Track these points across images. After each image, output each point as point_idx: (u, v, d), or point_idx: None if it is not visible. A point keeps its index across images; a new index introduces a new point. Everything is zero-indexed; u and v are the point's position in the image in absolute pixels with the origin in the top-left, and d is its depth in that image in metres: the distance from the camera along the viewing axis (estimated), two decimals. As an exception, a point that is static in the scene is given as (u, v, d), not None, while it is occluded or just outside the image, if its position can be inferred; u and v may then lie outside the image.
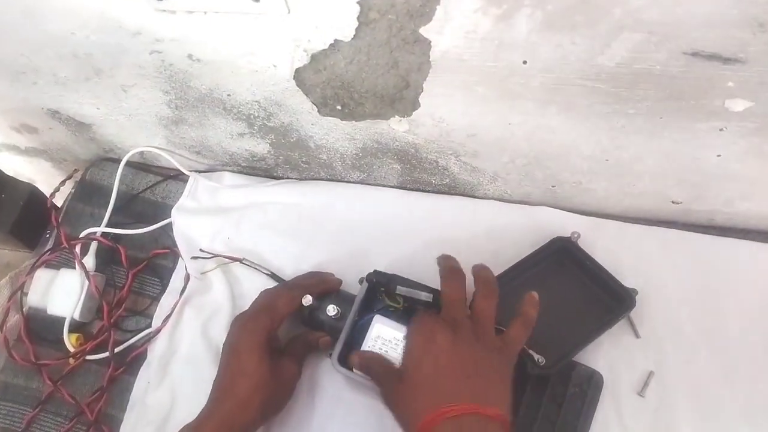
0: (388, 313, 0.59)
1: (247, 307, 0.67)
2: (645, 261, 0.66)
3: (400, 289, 0.58)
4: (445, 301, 0.55)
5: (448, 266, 0.57)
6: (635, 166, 0.62)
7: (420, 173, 0.71)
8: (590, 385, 0.59)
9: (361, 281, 0.61)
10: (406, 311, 0.59)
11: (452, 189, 0.73)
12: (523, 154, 0.63)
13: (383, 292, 0.60)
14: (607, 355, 0.62)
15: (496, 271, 0.64)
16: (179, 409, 0.64)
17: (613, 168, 0.63)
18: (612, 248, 0.67)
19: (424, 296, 0.57)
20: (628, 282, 0.65)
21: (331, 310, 0.60)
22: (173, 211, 0.73)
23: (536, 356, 0.57)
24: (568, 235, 0.65)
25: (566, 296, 0.64)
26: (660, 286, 0.65)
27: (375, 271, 0.60)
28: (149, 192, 0.77)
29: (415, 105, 0.59)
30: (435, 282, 0.66)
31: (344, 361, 0.58)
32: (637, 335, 0.63)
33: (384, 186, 0.74)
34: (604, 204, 0.69)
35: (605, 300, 0.63)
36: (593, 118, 0.56)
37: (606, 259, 0.66)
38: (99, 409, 0.65)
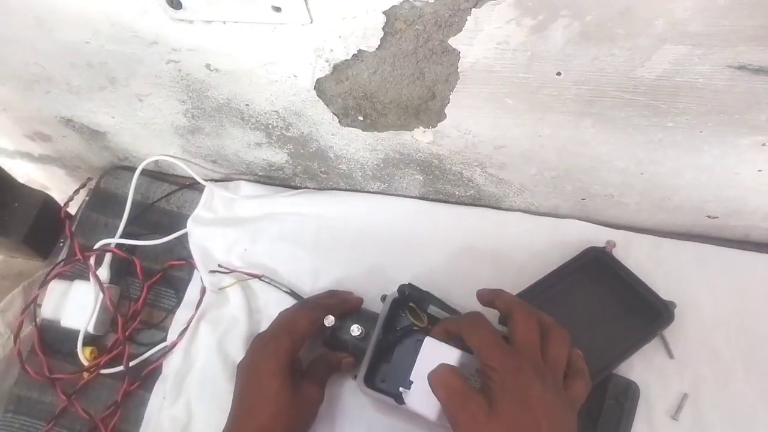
0: (414, 331, 0.57)
1: (264, 323, 0.66)
2: (679, 277, 0.64)
3: (432, 309, 0.55)
4: (523, 342, 0.47)
5: (514, 300, 0.51)
6: (671, 180, 0.59)
7: (443, 184, 0.68)
8: (627, 396, 0.57)
9: (383, 298, 0.59)
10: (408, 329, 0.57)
11: (476, 200, 0.70)
12: (552, 167, 0.61)
13: (407, 309, 0.58)
14: (640, 375, 0.60)
15: (522, 285, 0.62)
16: (195, 427, 0.63)
17: (648, 182, 0.60)
18: (644, 263, 0.64)
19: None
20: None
21: (355, 330, 0.58)
22: (189, 222, 0.71)
23: None
24: (602, 245, 0.63)
25: (600, 309, 0.61)
26: (695, 304, 0.62)
27: (409, 284, 0.58)
28: (164, 201, 0.76)
29: (440, 116, 0.56)
30: (459, 298, 0.65)
31: (371, 382, 0.56)
32: (671, 355, 0.61)
33: (405, 196, 0.72)
34: (636, 218, 0.66)
35: (641, 313, 0.60)
36: (629, 130, 0.53)
37: (639, 275, 0.64)
38: (113, 425, 0.64)
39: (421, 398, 0.50)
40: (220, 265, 0.68)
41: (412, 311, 0.57)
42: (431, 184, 0.69)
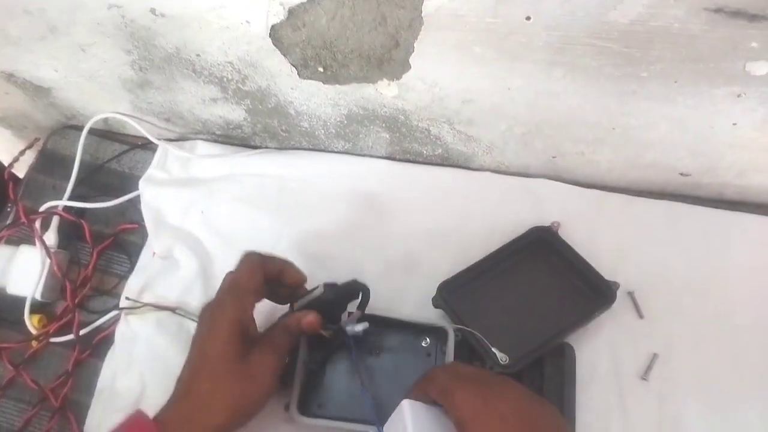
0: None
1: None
2: (651, 236, 0.62)
3: (301, 302, 0.52)
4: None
5: (442, 383, 0.47)
6: (644, 135, 0.57)
7: (410, 143, 0.65)
8: (564, 358, 0.56)
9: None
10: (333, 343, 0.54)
11: (445, 160, 0.67)
12: (522, 122, 0.58)
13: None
14: (609, 336, 0.58)
15: (492, 247, 0.60)
16: (150, 396, 0.60)
17: (621, 137, 0.58)
18: (616, 223, 0.63)
19: (317, 292, 0.51)
20: (633, 258, 0.61)
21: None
22: (141, 183, 0.67)
23: (499, 354, 0.53)
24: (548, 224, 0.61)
25: (542, 289, 0.60)
26: (666, 263, 0.61)
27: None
28: (115, 162, 0.71)
29: (405, 67, 0.53)
30: (429, 262, 0.62)
31: (306, 410, 0.53)
32: (640, 315, 0.59)
33: (371, 156, 0.69)
34: (608, 176, 0.64)
35: (585, 294, 0.58)
36: (602, 81, 0.51)
37: (609, 235, 0.62)
38: (64, 395, 0.61)
39: None
40: (128, 298, 0.63)
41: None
42: (398, 142, 0.66)
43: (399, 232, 0.65)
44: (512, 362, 0.53)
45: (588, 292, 0.58)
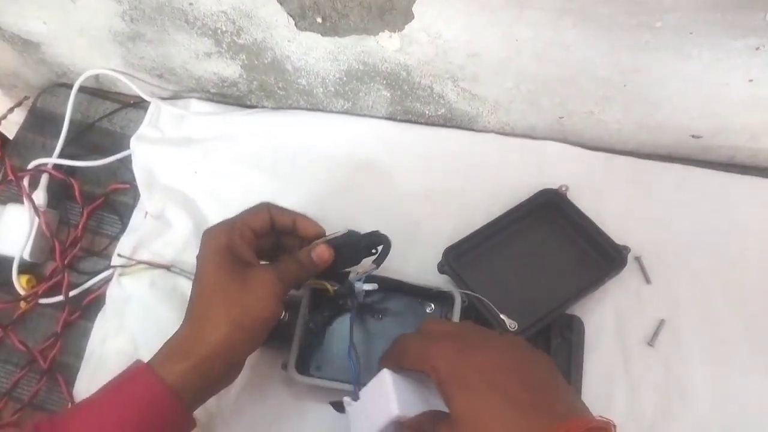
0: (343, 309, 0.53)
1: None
2: (659, 200, 0.60)
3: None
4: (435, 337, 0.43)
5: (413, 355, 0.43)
6: (656, 92, 0.55)
7: (412, 102, 0.63)
8: (572, 330, 0.54)
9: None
10: (342, 293, 0.51)
11: (448, 121, 0.65)
12: (529, 78, 0.56)
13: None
14: (615, 302, 0.57)
15: (495, 212, 0.58)
16: (141, 358, 0.58)
17: (631, 95, 0.55)
18: (623, 186, 0.61)
19: (338, 233, 0.49)
20: (641, 222, 0.59)
21: None
22: (132, 141, 0.64)
23: (507, 321, 0.52)
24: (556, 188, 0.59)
25: (551, 254, 0.58)
26: (675, 228, 0.59)
27: None
28: (106, 121, 0.69)
29: (407, 16, 0.51)
30: (429, 227, 0.60)
31: (304, 370, 0.51)
32: (648, 281, 0.57)
33: (371, 117, 0.66)
34: (617, 138, 0.62)
35: (594, 258, 0.56)
36: (614, 31, 0.48)
37: (616, 199, 0.60)
38: (53, 357, 0.59)
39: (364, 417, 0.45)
40: (119, 255, 0.61)
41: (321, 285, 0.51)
42: (399, 102, 0.63)
43: (400, 195, 0.63)
44: (521, 328, 0.51)
45: (597, 256, 0.56)
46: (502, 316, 0.52)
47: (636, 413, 0.53)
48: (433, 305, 0.54)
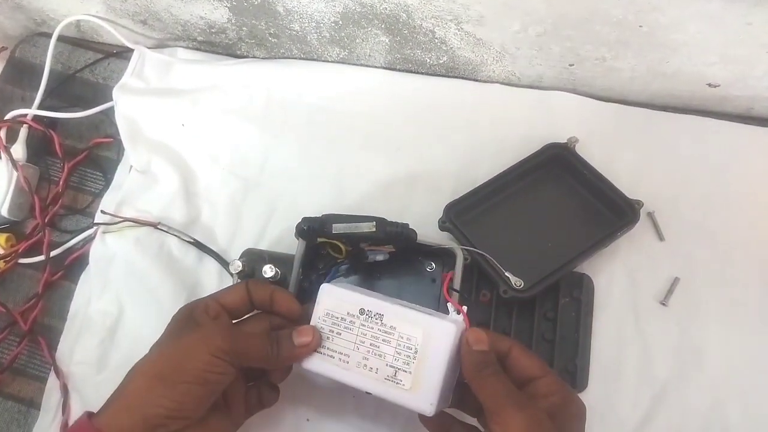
0: (337, 274, 0.49)
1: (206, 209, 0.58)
2: (674, 154, 0.57)
3: (337, 228, 0.45)
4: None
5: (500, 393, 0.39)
6: (672, 35, 0.51)
7: (412, 49, 0.59)
8: (581, 290, 0.52)
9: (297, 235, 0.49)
10: (355, 262, 0.48)
11: (450, 70, 0.61)
12: (538, 20, 0.52)
13: (325, 244, 0.48)
14: (627, 260, 0.54)
15: (500, 168, 0.55)
16: (128, 320, 0.55)
17: (646, 38, 0.52)
18: (636, 139, 0.57)
19: (366, 227, 0.45)
20: (654, 177, 0.56)
21: (268, 270, 0.49)
22: (115, 92, 0.61)
23: (513, 278, 0.49)
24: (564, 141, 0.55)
25: (559, 210, 0.55)
26: (689, 182, 0.56)
27: (304, 218, 0.47)
28: (88, 72, 0.65)
29: (408, -52, 0.47)
30: (428, 185, 0.57)
31: None
32: (661, 238, 0.54)
33: (369, 66, 0.63)
34: (629, 88, 0.59)
35: (604, 214, 0.53)
36: (633, -38, 0.44)
37: (628, 152, 0.57)
38: (34, 319, 0.56)
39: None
40: (103, 211, 0.57)
41: (333, 245, 0.48)
42: (399, 49, 0.59)
43: (398, 150, 0.59)
44: (527, 286, 0.49)
45: (608, 212, 0.53)
46: (506, 273, 0.49)
47: (648, 375, 0.51)
48: (433, 264, 0.51)
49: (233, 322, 0.44)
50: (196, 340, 0.40)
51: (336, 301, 0.43)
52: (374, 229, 0.45)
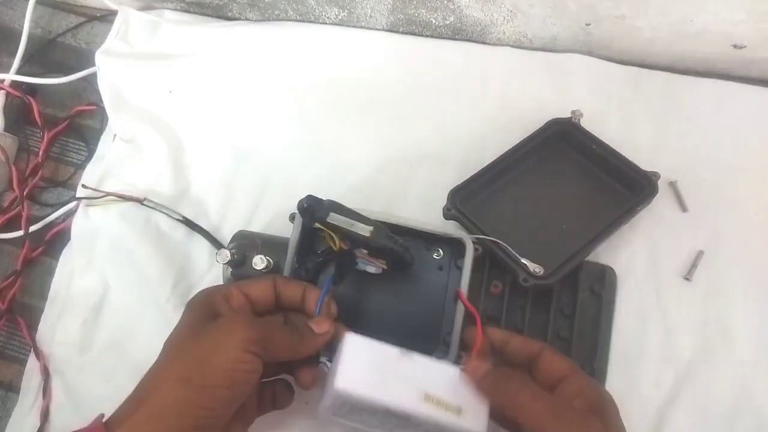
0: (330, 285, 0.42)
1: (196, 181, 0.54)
2: (697, 120, 0.53)
3: (334, 218, 0.40)
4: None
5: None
6: (699, -12, 0.47)
7: (416, 8, 0.55)
8: (603, 285, 0.47)
9: (291, 218, 0.45)
10: (342, 266, 0.43)
11: (457, 32, 0.57)
12: (554, -28, 0.48)
13: (323, 231, 0.42)
14: (647, 233, 0.50)
15: (510, 139, 0.51)
16: (112, 299, 0.52)
17: (671, -8, 0.48)
18: (658, 105, 0.54)
19: (362, 229, 0.41)
20: (675, 144, 0.53)
21: (259, 262, 0.44)
22: (97, 56, 0.57)
23: (531, 265, 0.44)
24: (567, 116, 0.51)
25: (570, 190, 0.50)
26: (714, 150, 0.52)
27: (308, 195, 0.42)
28: (70, 36, 0.61)
29: None
30: (435, 158, 0.54)
31: None
32: (684, 208, 0.51)
33: (370, 29, 0.59)
34: (649, 50, 0.55)
35: (619, 190, 0.49)
36: None
37: (648, 118, 0.54)
38: (12, 297, 0.53)
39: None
40: (84, 186, 0.53)
41: (329, 234, 0.42)
42: (402, 9, 0.56)
43: (400, 120, 0.56)
44: (547, 273, 0.44)
45: (623, 188, 0.49)
46: (524, 260, 0.45)
47: (671, 354, 0.47)
48: (440, 250, 0.46)
49: None
50: (222, 334, 0.36)
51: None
52: (368, 235, 0.40)
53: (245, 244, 0.47)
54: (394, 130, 0.56)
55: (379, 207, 0.52)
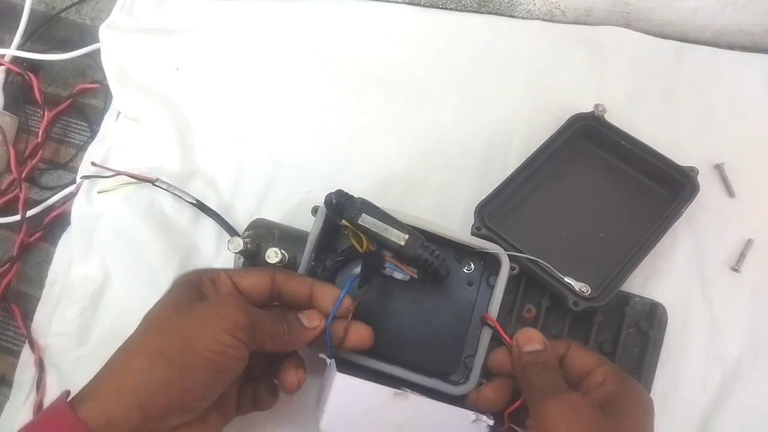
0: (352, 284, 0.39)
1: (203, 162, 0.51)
2: (744, 98, 0.49)
3: (365, 220, 0.38)
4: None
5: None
6: (752, -50, 0.43)
7: (439, -21, 0.52)
8: (652, 323, 0.42)
9: (314, 211, 0.41)
10: (369, 268, 0.40)
11: (483, 5, 0.54)
12: (591, -66, 0.44)
13: (348, 229, 0.40)
14: (691, 220, 0.46)
15: (529, 126, 0.48)
16: (113, 287, 0.49)
17: (720, -46, 0.44)
18: (701, 82, 0.50)
19: (395, 236, 0.37)
20: (720, 124, 0.48)
21: (272, 255, 0.41)
22: (101, 30, 0.54)
23: (576, 284, 0.40)
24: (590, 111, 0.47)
25: (602, 194, 0.46)
26: (763, 130, 0.48)
27: (338, 190, 0.39)
28: (74, 12, 0.58)
29: None
30: (459, 135, 0.50)
31: None
32: (731, 194, 0.47)
33: (389, 1, 0.55)
34: (692, 22, 0.51)
35: (656, 189, 0.45)
36: None
37: (691, 96, 0.50)
38: (7, 284, 0.50)
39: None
40: (93, 163, 0.50)
41: (356, 234, 0.40)
42: (423, -20, 0.52)
43: (422, 104, 0.52)
44: (595, 292, 0.40)
45: (660, 187, 0.45)
46: (567, 279, 0.41)
47: (718, 351, 0.44)
48: (472, 264, 0.42)
49: None
50: (209, 314, 0.34)
51: None
52: (402, 243, 0.37)
53: (261, 233, 0.44)
54: (412, 115, 0.52)
55: (395, 196, 0.49)
